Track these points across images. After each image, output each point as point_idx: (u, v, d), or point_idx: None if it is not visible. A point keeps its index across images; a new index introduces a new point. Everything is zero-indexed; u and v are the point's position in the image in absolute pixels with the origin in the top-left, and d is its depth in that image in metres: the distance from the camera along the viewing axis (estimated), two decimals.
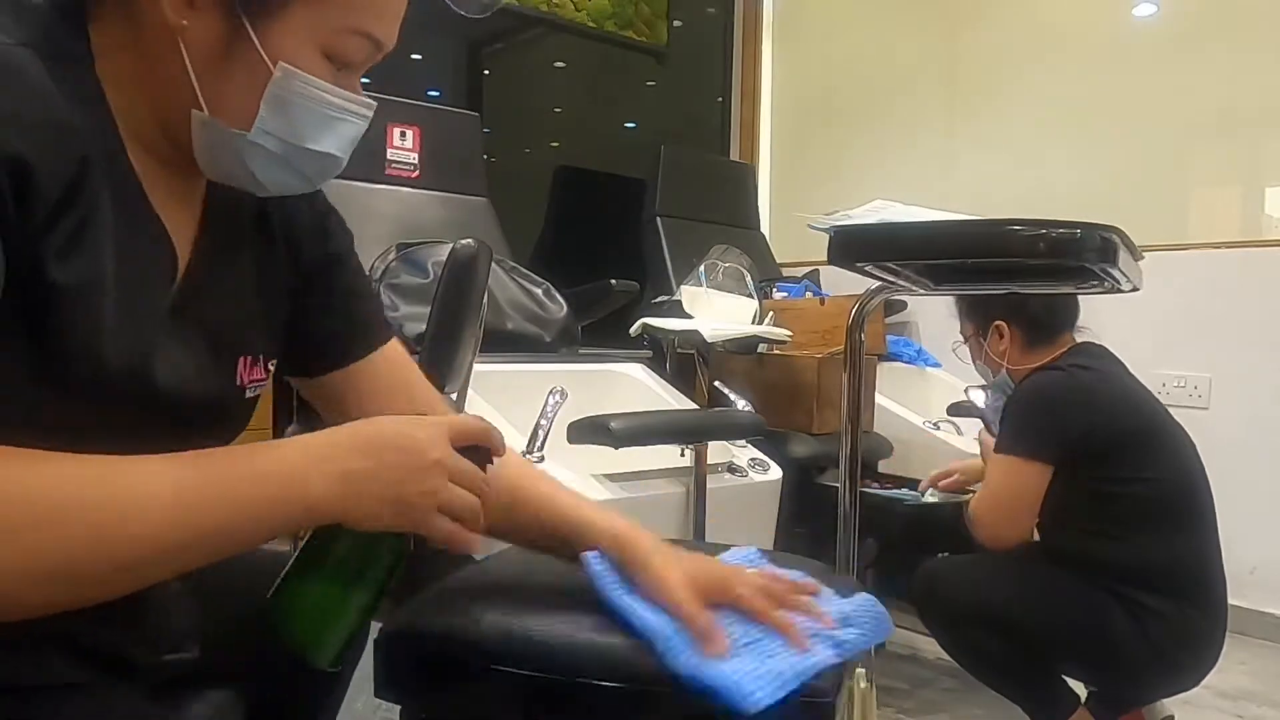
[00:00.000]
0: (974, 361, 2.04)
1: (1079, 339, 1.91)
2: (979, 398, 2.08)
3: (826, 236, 1.31)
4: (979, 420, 2.13)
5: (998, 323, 1.93)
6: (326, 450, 0.67)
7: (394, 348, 0.93)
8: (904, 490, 2.44)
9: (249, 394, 0.81)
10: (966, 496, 2.08)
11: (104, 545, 0.58)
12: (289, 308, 0.85)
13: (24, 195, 0.58)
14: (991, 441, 1.94)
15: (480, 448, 0.74)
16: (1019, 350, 1.92)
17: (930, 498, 2.32)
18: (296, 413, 1.75)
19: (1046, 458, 1.75)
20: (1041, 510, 1.79)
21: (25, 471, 0.56)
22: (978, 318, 1.99)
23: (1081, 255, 1.10)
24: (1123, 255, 1.14)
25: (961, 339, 2.07)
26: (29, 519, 0.55)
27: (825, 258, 1.28)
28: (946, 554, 2.03)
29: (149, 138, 0.70)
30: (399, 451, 0.68)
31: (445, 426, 0.71)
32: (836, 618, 0.87)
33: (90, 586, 0.59)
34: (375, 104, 0.75)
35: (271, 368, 0.84)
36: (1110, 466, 1.75)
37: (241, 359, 0.79)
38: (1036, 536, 1.93)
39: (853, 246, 1.26)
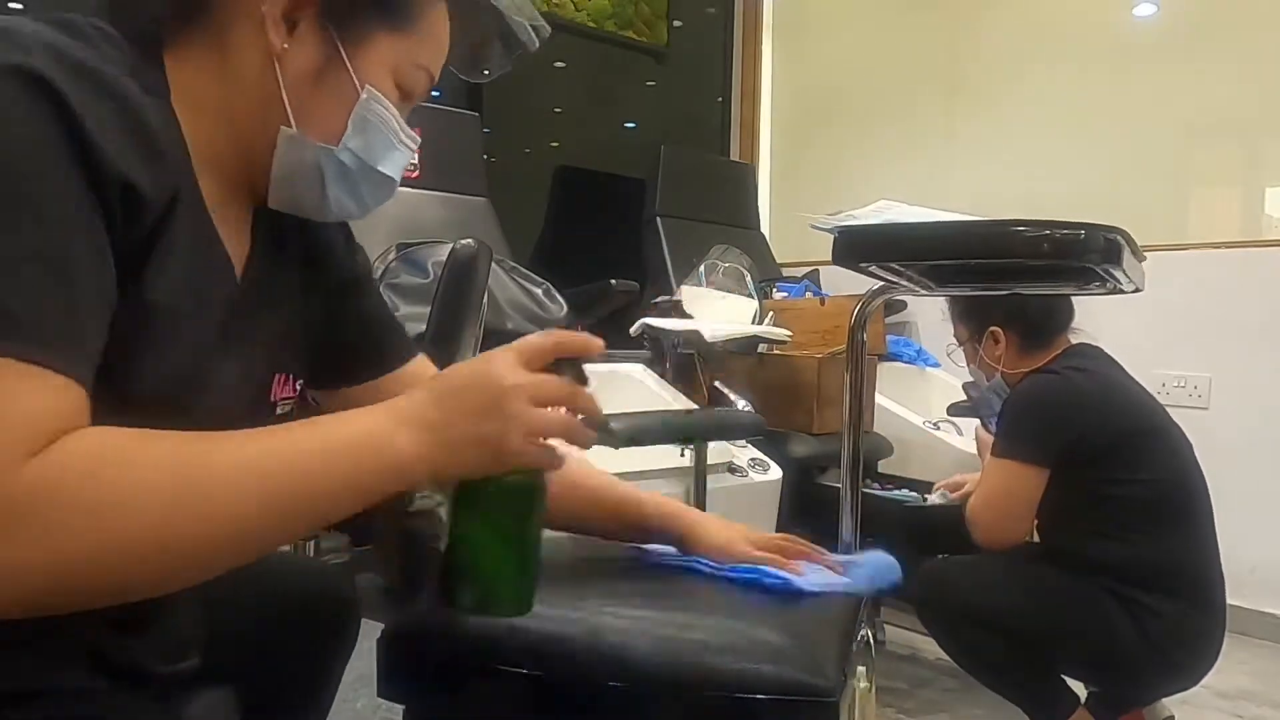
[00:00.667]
0: (969, 365, 2.04)
1: (1074, 340, 1.91)
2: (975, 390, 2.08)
3: (827, 236, 1.31)
4: (978, 419, 2.14)
5: (993, 329, 1.93)
6: (406, 408, 0.68)
7: (422, 363, 0.96)
8: (904, 491, 2.44)
9: (279, 410, 0.83)
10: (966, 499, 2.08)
11: (219, 513, 0.60)
12: (321, 326, 0.87)
13: (130, 218, 0.61)
14: (988, 439, 1.94)
15: (564, 360, 0.72)
16: (1014, 354, 1.92)
17: (931, 499, 2.32)
18: None
19: (1042, 461, 1.76)
20: (1040, 511, 1.79)
21: (158, 446, 0.59)
22: (972, 323, 1.99)
23: (1085, 256, 1.10)
24: (1126, 256, 1.14)
25: (956, 342, 2.07)
26: (179, 484, 0.58)
27: (826, 257, 1.28)
28: (946, 555, 2.02)
29: (220, 165, 0.73)
30: (471, 391, 0.69)
31: (514, 351, 0.71)
32: (847, 564, 1.06)
33: (210, 555, 0.61)
34: (419, 139, 0.81)
35: (299, 386, 0.86)
36: (1106, 468, 1.75)
37: (277, 377, 0.82)
38: (1037, 537, 1.93)
39: (857, 247, 1.26)
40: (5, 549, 0.52)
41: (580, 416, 0.74)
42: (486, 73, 0.90)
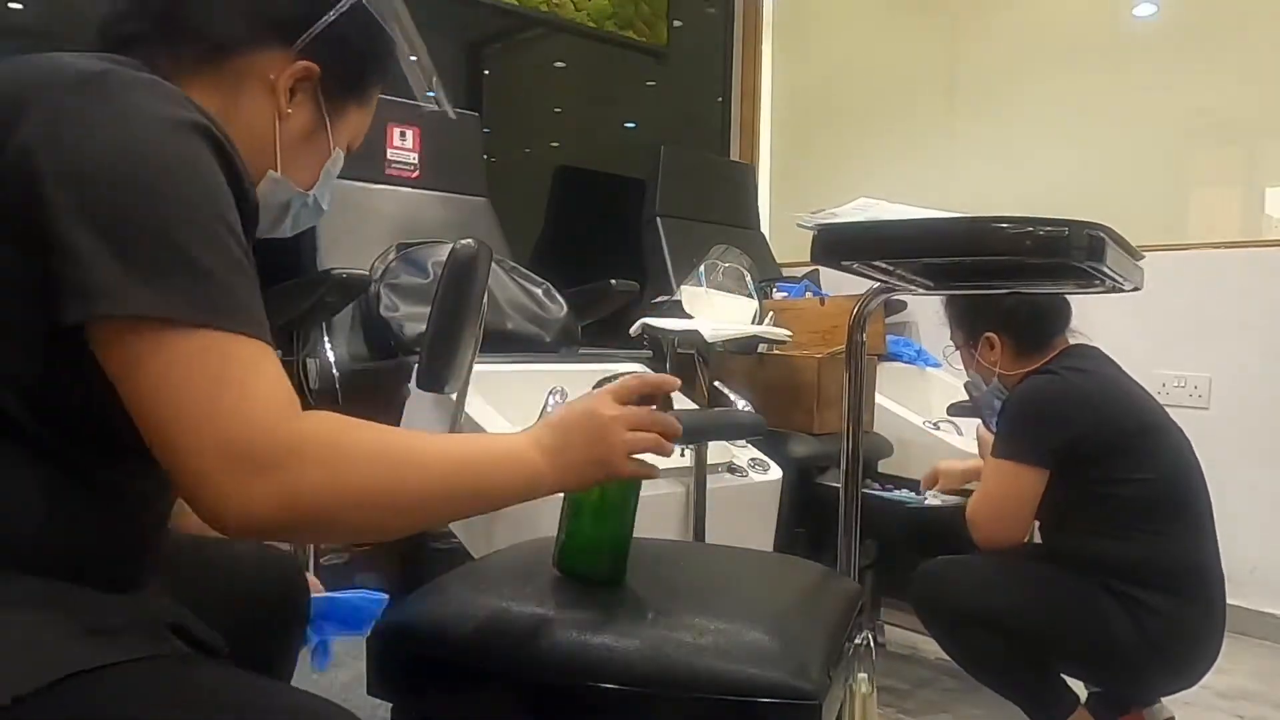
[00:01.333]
0: (966, 369, 2.04)
1: (1072, 341, 1.91)
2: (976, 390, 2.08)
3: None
4: (978, 419, 2.13)
5: (987, 334, 1.93)
6: (538, 436, 0.87)
7: None
8: (904, 491, 2.44)
9: None
10: (966, 500, 2.08)
11: (425, 484, 0.77)
12: None
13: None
14: (989, 437, 1.94)
15: (649, 396, 0.94)
16: (1010, 358, 1.92)
17: (931, 499, 2.32)
18: None
19: (1041, 462, 1.76)
20: (1040, 510, 1.79)
21: (372, 432, 0.75)
22: (966, 328, 1.99)
23: (1069, 253, 1.10)
24: (1112, 253, 1.13)
25: (954, 345, 2.07)
26: (392, 460, 0.75)
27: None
28: (946, 555, 2.02)
29: None
30: (582, 424, 0.89)
31: (610, 391, 0.92)
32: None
33: (405, 517, 0.78)
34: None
35: None
36: (1105, 468, 1.75)
37: None
38: (1038, 536, 1.93)
39: (836, 245, 1.25)
40: (278, 480, 0.68)
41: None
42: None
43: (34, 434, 0.70)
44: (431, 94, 1.04)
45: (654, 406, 0.94)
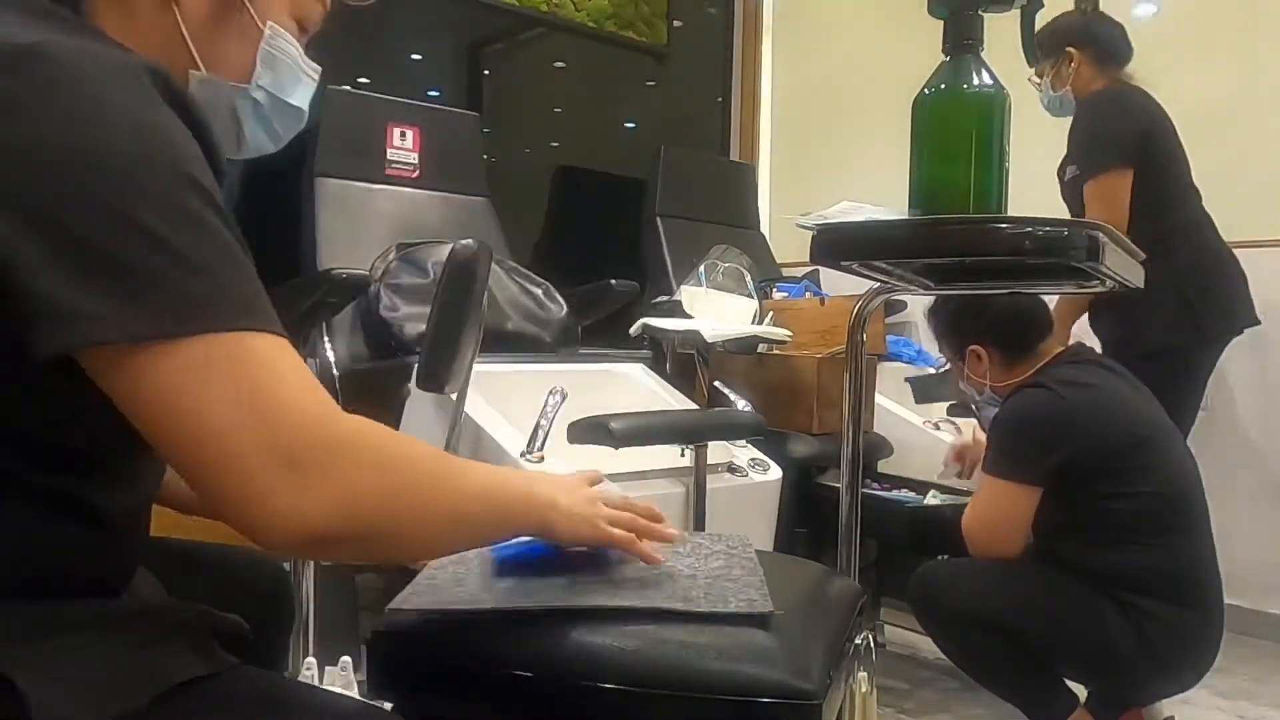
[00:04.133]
0: (960, 384, 2.03)
1: (1071, 343, 1.90)
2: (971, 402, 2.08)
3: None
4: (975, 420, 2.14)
5: (973, 347, 1.92)
6: (554, 484, 0.86)
7: None
8: (904, 491, 2.44)
9: None
10: (966, 500, 2.08)
11: (457, 506, 0.74)
12: None
13: None
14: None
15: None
16: (999, 369, 1.90)
17: (932, 500, 2.32)
18: None
19: (1034, 481, 1.75)
20: (1035, 520, 1.79)
21: (409, 441, 0.72)
22: (952, 343, 1.98)
23: (1068, 253, 1.10)
24: (1111, 253, 1.13)
25: (943, 359, 2.07)
26: (432, 474, 0.72)
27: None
28: (946, 556, 2.03)
29: None
30: (574, 492, 0.87)
31: (580, 478, 0.93)
32: None
33: (443, 532, 0.75)
34: (320, 69, 0.86)
35: None
36: (1099, 483, 1.74)
37: None
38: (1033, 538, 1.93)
39: (836, 245, 1.25)
40: (332, 482, 0.63)
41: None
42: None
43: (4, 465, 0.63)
44: None
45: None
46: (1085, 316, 2.60)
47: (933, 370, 2.81)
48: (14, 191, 0.57)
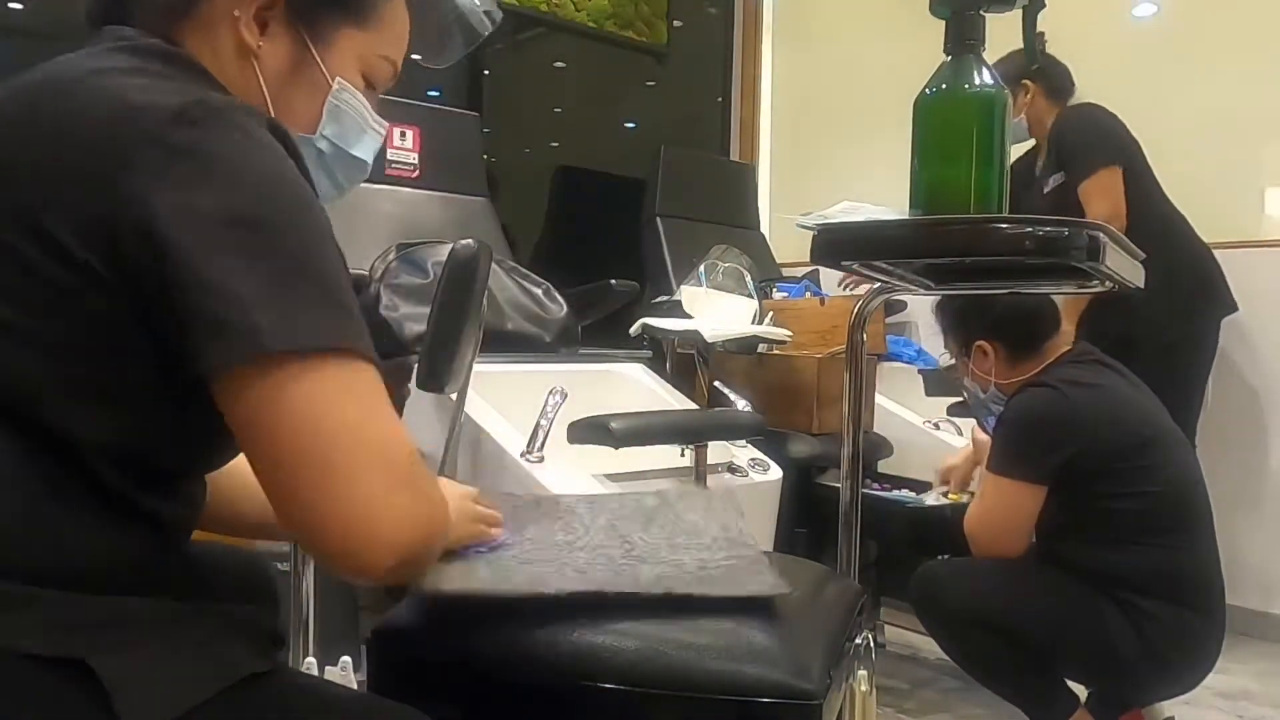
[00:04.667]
0: (963, 379, 2.03)
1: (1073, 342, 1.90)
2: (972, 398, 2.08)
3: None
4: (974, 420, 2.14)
5: (979, 342, 1.91)
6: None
7: None
8: (904, 491, 2.44)
9: None
10: (967, 499, 2.08)
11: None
12: None
13: None
14: (986, 440, 1.94)
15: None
16: (1004, 366, 1.90)
17: (931, 499, 2.32)
18: None
19: (1038, 480, 1.75)
20: (1038, 522, 1.79)
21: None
22: (958, 338, 1.97)
23: (1068, 253, 1.09)
24: (1111, 252, 1.13)
25: (949, 354, 2.06)
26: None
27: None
28: (947, 556, 2.02)
29: None
30: (461, 500, 0.96)
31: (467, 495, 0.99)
32: None
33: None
34: (387, 125, 0.91)
35: None
36: (1102, 483, 1.74)
37: None
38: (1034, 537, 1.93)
39: (836, 245, 1.24)
40: (416, 500, 0.68)
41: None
42: (447, 59, 0.99)
43: (93, 469, 0.68)
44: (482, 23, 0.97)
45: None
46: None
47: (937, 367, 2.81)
48: (208, 230, 0.64)
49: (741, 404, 2.28)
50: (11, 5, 2.79)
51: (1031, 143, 2.86)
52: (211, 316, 0.63)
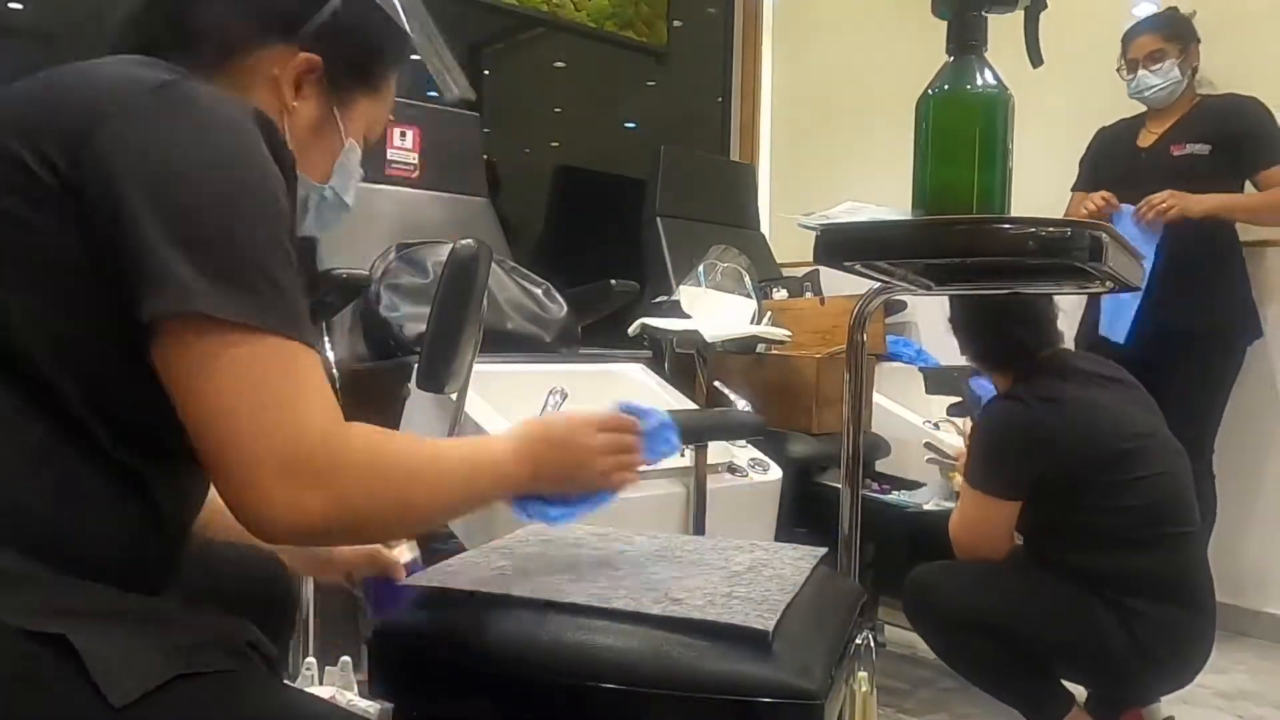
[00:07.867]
0: (967, 380, 2.05)
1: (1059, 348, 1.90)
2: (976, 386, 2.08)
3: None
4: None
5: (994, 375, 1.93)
6: (520, 448, 0.92)
7: None
8: (901, 494, 2.44)
9: None
10: None
11: (432, 494, 0.82)
12: None
13: None
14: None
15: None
16: (1006, 380, 1.90)
17: (930, 505, 2.32)
18: None
19: (1011, 495, 1.77)
20: (1022, 521, 1.79)
21: (398, 444, 0.80)
22: (968, 353, 1.98)
23: (1070, 254, 1.10)
24: (1113, 253, 1.13)
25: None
26: (410, 471, 0.79)
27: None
28: (940, 560, 2.02)
29: None
30: (561, 452, 0.95)
31: (591, 424, 0.98)
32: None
33: (415, 524, 0.91)
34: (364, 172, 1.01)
35: None
36: (1077, 497, 1.73)
37: None
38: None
39: (838, 245, 1.25)
40: (325, 490, 0.70)
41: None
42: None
43: (93, 431, 0.72)
44: (451, 91, 1.04)
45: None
46: (1086, 305, 2.75)
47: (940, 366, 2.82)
48: (151, 180, 0.69)
49: (741, 404, 2.28)
50: (11, 5, 2.79)
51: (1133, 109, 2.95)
52: (148, 271, 0.68)
